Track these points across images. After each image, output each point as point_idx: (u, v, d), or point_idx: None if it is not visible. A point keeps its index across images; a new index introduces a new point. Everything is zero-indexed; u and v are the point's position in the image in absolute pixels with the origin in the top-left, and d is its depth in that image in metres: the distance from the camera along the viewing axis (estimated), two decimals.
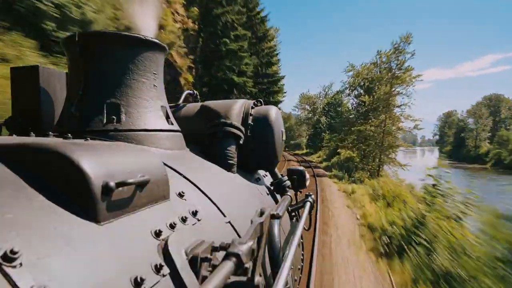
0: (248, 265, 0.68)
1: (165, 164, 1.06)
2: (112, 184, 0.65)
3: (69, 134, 0.94)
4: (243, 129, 1.71)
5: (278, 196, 2.03)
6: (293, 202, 2.12)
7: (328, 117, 44.28)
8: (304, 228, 1.72)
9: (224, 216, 1.16)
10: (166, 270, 0.69)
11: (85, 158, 0.65)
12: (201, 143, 1.65)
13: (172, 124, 1.42)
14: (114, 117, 1.19)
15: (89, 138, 0.93)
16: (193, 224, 0.93)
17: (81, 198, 0.64)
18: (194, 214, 0.97)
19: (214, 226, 1.06)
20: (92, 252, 0.58)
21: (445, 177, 7.01)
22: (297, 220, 2.07)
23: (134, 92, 1.25)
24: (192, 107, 1.91)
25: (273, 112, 1.84)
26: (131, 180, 0.71)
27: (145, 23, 1.43)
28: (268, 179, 2.13)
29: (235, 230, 1.16)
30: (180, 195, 1.00)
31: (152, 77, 1.32)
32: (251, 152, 1.77)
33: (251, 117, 1.79)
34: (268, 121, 1.78)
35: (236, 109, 1.73)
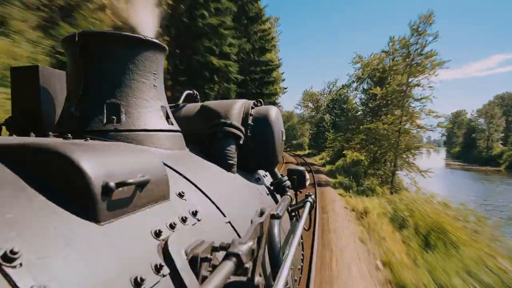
0: (248, 265, 0.68)
1: (165, 164, 1.06)
2: (112, 184, 0.65)
3: (69, 134, 0.94)
4: (243, 129, 1.72)
5: (278, 196, 2.03)
6: (293, 202, 2.12)
7: (333, 115, 40.76)
8: (304, 228, 1.72)
9: (224, 216, 1.16)
10: (166, 270, 0.69)
11: (85, 158, 0.65)
12: (201, 143, 1.65)
13: (172, 124, 1.42)
14: (114, 117, 1.19)
15: (89, 138, 0.93)
16: (193, 224, 0.93)
17: (81, 198, 0.64)
18: (194, 214, 0.97)
19: (214, 226, 1.06)
20: (92, 252, 0.58)
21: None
22: (297, 220, 2.07)
23: (134, 92, 1.25)
24: (192, 107, 1.91)
25: (273, 112, 1.84)
26: (131, 180, 0.71)
27: (145, 23, 1.43)
28: (268, 179, 2.13)
29: (235, 230, 1.16)
30: (180, 195, 1.00)
31: (152, 77, 1.32)
32: (251, 152, 1.77)
33: (251, 117, 1.79)
34: (268, 121, 1.79)
35: (236, 109, 1.73)
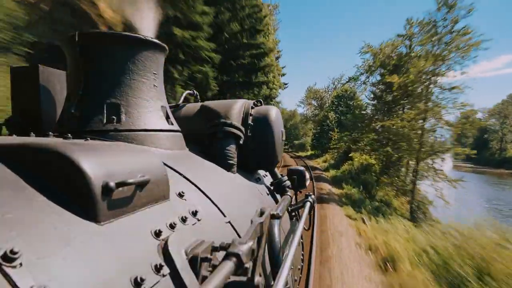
0: (248, 265, 0.68)
1: (165, 164, 1.06)
2: (112, 184, 0.65)
3: (69, 134, 0.94)
4: (243, 129, 1.72)
5: (278, 196, 2.04)
6: (293, 202, 2.12)
7: (338, 112, 36.22)
8: (304, 228, 1.72)
9: (224, 216, 1.16)
10: (166, 270, 0.69)
11: (85, 158, 0.65)
12: (201, 143, 1.65)
13: (172, 124, 1.42)
14: (114, 117, 1.19)
15: (89, 138, 0.93)
16: (193, 224, 0.93)
17: (81, 198, 0.64)
18: (194, 214, 0.97)
19: (214, 226, 1.06)
20: (92, 252, 0.58)
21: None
22: (297, 220, 2.08)
23: (134, 92, 1.25)
24: (192, 107, 1.92)
25: (273, 112, 1.84)
26: (131, 180, 0.71)
27: (144, 23, 1.43)
28: (268, 179, 2.14)
29: (235, 230, 1.16)
30: (180, 195, 1.00)
31: (152, 77, 1.32)
32: (251, 152, 1.77)
33: (251, 117, 1.79)
34: (268, 121, 1.79)
35: (236, 109, 1.73)
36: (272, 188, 2.02)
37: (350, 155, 20.23)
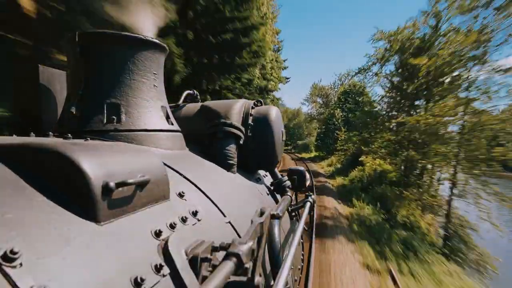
0: (248, 265, 0.68)
1: (165, 164, 1.06)
2: (112, 184, 0.65)
3: (69, 134, 0.94)
4: (243, 129, 1.72)
5: (278, 196, 2.03)
6: (293, 202, 2.12)
7: (345, 110, 31.91)
8: (304, 228, 1.72)
9: (224, 216, 1.16)
10: (166, 270, 0.69)
11: (85, 158, 0.65)
12: (201, 143, 1.65)
13: (172, 124, 1.42)
14: (114, 117, 1.19)
15: (89, 138, 0.93)
16: (193, 224, 0.93)
17: (81, 198, 0.64)
18: (194, 214, 0.97)
19: (214, 226, 1.06)
20: (92, 252, 0.58)
21: None
22: (297, 220, 2.08)
23: (134, 92, 1.25)
24: (192, 107, 1.92)
25: (273, 112, 1.84)
26: (131, 180, 0.71)
27: (144, 23, 1.43)
28: (268, 179, 2.13)
29: (235, 230, 1.16)
30: (180, 195, 1.00)
31: (152, 77, 1.32)
32: (251, 152, 1.77)
33: (251, 117, 1.79)
34: (268, 121, 1.79)
35: (236, 109, 1.73)
36: (272, 188, 2.02)
37: (360, 159, 16.84)
